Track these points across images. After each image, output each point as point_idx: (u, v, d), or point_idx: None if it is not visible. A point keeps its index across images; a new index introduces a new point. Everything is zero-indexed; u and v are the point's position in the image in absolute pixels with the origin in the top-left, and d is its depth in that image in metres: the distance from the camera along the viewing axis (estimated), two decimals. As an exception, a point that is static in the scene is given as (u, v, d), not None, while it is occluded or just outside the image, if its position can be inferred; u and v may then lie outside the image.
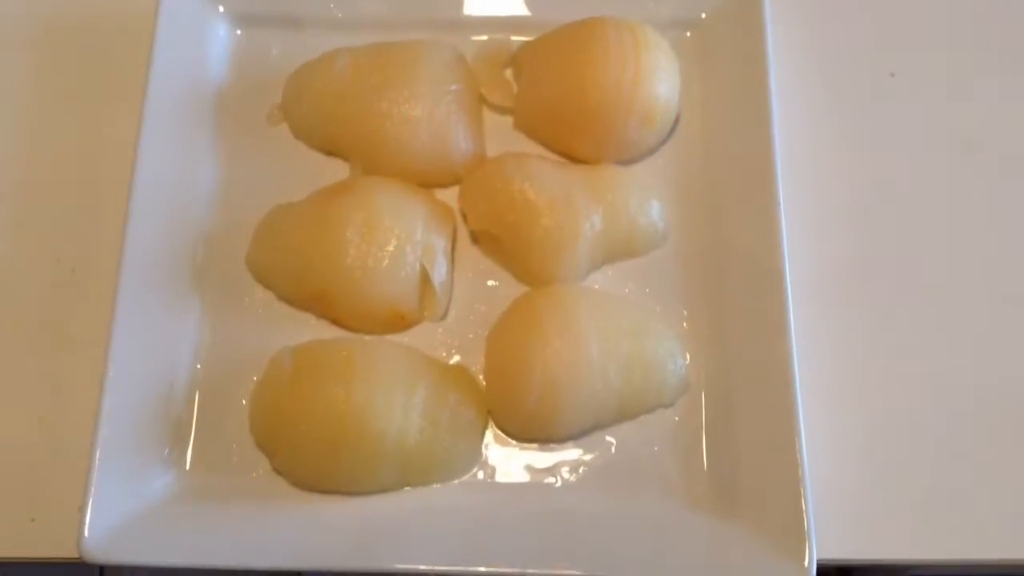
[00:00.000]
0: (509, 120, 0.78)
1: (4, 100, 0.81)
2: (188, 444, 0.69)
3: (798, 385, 0.66)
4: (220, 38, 0.80)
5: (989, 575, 0.84)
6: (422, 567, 0.63)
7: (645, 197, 0.74)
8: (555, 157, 0.77)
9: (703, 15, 0.79)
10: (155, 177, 0.72)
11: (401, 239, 0.69)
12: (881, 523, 0.70)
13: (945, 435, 0.72)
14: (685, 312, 0.73)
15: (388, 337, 0.72)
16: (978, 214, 0.78)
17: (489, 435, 0.70)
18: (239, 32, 0.81)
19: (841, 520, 0.69)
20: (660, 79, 0.73)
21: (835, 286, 0.76)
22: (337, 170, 0.76)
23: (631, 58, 0.72)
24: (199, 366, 0.71)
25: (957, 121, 0.81)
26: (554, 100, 0.74)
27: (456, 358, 0.72)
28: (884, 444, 0.72)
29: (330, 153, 0.77)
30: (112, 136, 0.78)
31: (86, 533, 0.63)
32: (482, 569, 0.64)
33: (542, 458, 0.69)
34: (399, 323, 0.71)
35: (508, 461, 0.69)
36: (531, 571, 0.63)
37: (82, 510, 0.63)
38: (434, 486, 0.68)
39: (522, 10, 0.80)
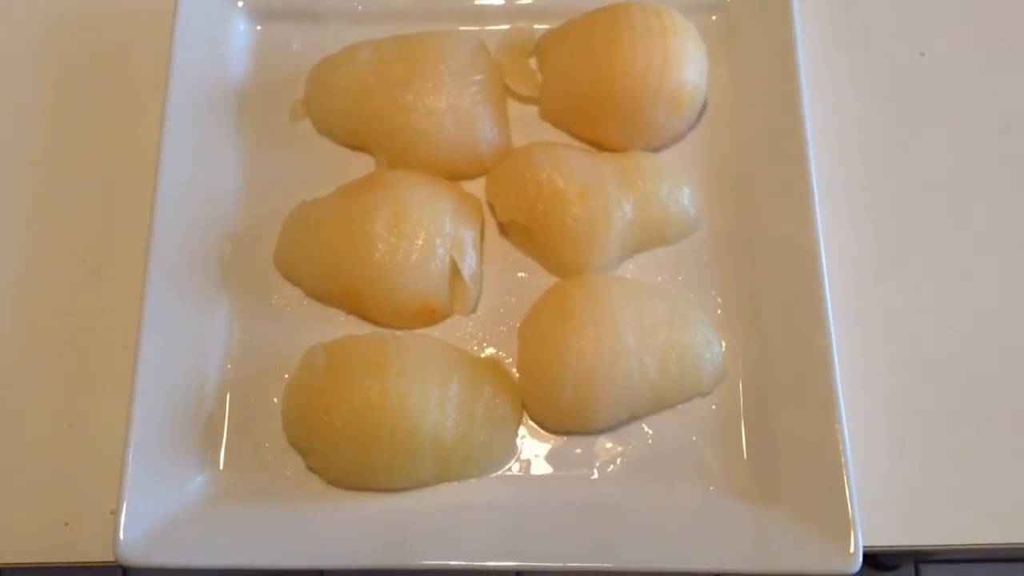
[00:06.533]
0: (534, 110, 0.78)
1: (25, 102, 0.80)
2: (221, 444, 0.69)
3: (838, 370, 0.65)
4: (240, 33, 0.79)
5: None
6: (460, 563, 0.63)
7: (676, 184, 0.73)
8: (582, 146, 0.76)
9: (728, -3, 0.78)
10: (179, 176, 0.71)
11: (430, 232, 0.69)
12: (920, 508, 0.69)
13: (985, 419, 0.71)
14: (719, 299, 0.72)
15: (419, 331, 0.71)
16: (1013, 195, 0.77)
17: (523, 428, 0.69)
18: (259, 27, 0.80)
19: (880, 505, 0.68)
20: (688, 64, 0.72)
21: (870, 269, 0.75)
22: (362, 164, 0.76)
23: (659, 43, 0.71)
24: (229, 365, 0.71)
25: (989, 101, 0.80)
26: (581, 88, 0.73)
27: (488, 351, 0.71)
28: (922, 428, 0.71)
29: (355, 147, 0.77)
30: (135, 135, 0.78)
31: (121, 536, 0.62)
32: (521, 564, 0.63)
33: (578, 450, 0.69)
34: (430, 317, 0.71)
35: (544, 454, 0.69)
36: (571, 566, 0.63)
37: (116, 513, 0.63)
38: (470, 481, 0.67)
39: (544, -3, 0.79)
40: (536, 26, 0.79)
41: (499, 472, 0.68)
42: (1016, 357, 0.73)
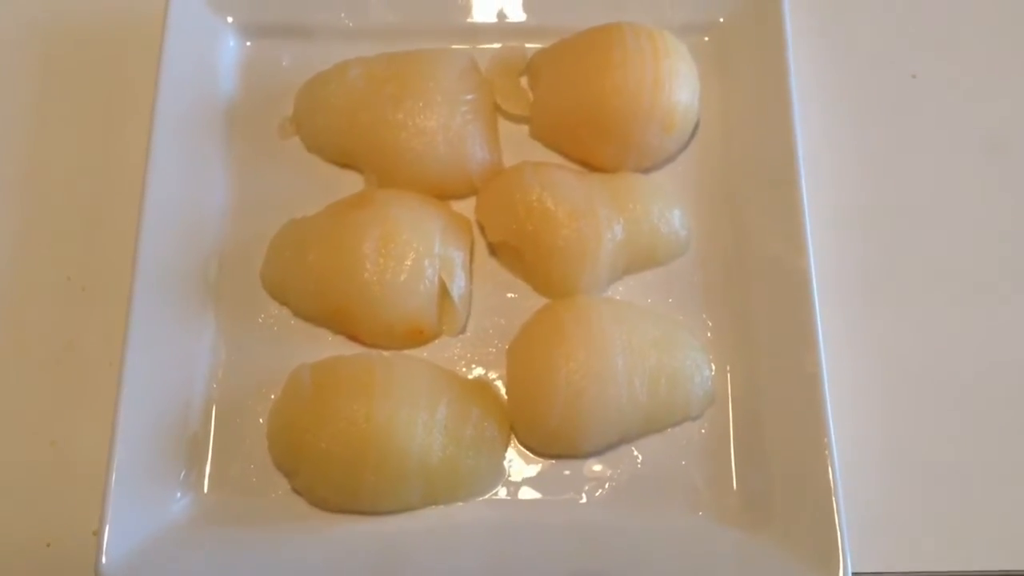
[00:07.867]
0: (525, 129, 0.77)
1: (13, 116, 0.80)
2: (205, 464, 0.68)
3: (828, 394, 0.65)
4: (229, 50, 0.79)
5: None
6: (447, 588, 0.62)
7: (667, 205, 0.73)
8: (573, 166, 0.76)
9: (721, 19, 0.78)
10: (166, 193, 0.71)
11: (419, 253, 0.68)
12: (910, 533, 0.69)
13: (975, 443, 0.71)
14: (709, 322, 0.72)
15: (407, 352, 0.70)
16: (1002, 216, 0.77)
17: (511, 451, 0.69)
18: (248, 43, 0.80)
19: (868, 530, 0.68)
20: (680, 85, 0.71)
21: (860, 291, 0.75)
22: (351, 183, 0.75)
23: (651, 64, 0.71)
24: (215, 385, 0.70)
25: (980, 122, 0.80)
26: (572, 108, 0.73)
27: (476, 372, 0.71)
28: (912, 453, 0.71)
29: (344, 165, 0.76)
30: (122, 151, 0.77)
31: (104, 558, 0.62)
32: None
33: (566, 473, 0.68)
34: (418, 338, 0.70)
35: (532, 477, 0.68)
36: (558, 590, 0.62)
37: (99, 534, 0.62)
38: (457, 504, 0.67)
39: (536, 17, 0.79)
40: (528, 45, 0.79)
41: (487, 495, 0.67)
42: (1007, 380, 0.73)
